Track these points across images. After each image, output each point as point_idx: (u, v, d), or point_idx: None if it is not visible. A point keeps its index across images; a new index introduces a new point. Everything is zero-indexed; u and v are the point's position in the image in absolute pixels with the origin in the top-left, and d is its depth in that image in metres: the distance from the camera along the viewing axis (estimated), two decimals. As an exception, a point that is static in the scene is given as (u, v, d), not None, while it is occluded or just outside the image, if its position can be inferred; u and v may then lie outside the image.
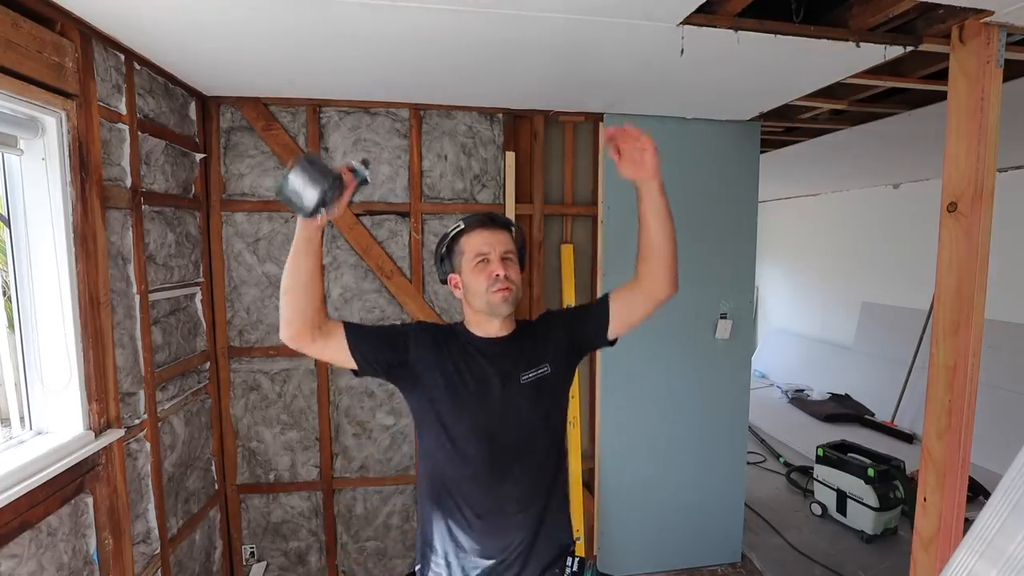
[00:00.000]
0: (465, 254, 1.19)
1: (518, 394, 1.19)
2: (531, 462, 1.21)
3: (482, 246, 1.17)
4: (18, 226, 1.46)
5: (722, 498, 2.75)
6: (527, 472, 1.20)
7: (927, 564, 1.53)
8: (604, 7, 1.41)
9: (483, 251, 1.17)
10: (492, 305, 1.17)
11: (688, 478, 2.70)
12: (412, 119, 2.39)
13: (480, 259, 1.17)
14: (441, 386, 1.18)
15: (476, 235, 1.19)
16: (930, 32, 1.61)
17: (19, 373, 1.51)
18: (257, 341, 2.40)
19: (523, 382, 1.20)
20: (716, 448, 2.72)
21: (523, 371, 1.20)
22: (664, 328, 2.62)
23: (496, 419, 1.18)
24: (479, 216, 1.22)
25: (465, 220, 1.22)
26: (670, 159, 2.54)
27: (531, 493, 1.21)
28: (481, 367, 1.20)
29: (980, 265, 1.41)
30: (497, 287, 1.15)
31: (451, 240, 1.22)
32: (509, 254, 1.19)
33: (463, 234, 1.20)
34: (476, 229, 1.19)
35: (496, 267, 1.16)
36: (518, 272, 1.21)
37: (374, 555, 2.56)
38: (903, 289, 4.93)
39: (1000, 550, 1.05)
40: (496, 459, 1.17)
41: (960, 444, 1.45)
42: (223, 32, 1.59)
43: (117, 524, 1.63)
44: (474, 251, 1.18)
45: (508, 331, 1.24)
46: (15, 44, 1.28)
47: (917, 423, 4.29)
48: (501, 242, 1.19)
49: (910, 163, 3.99)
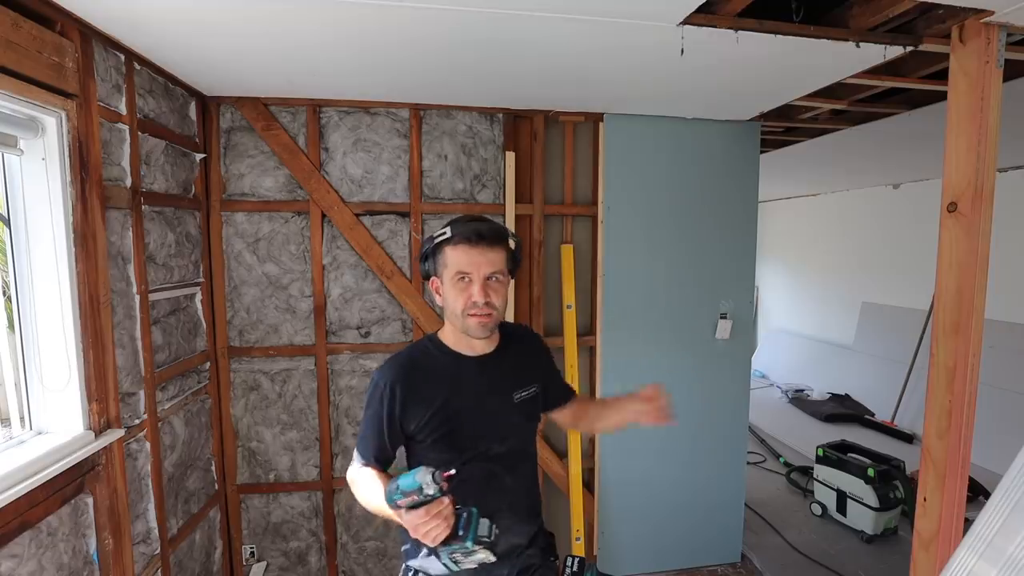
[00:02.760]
0: (447, 267, 1.10)
1: (512, 412, 1.21)
2: (526, 475, 1.23)
3: (464, 265, 1.08)
4: (18, 226, 1.46)
5: (722, 498, 2.75)
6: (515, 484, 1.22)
7: (927, 564, 1.53)
8: (604, 7, 1.41)
9: (464, 271, 1.08)
10: (466, 327, 1.11)
11: (688, 478, 2.70)
12: (412, 119, 2.39)
13: (460, 277, 1.09)
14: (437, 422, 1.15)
15: (461, 251, 1.08)
16: (930, 32, 1.61)
17: (19, 373, 1.51)
18: (257, 341, 2.40)
19: (516, 401, 1.21)
20: (716, 448, 2.72)
21: (515, 390, 1.21)
22: (664, 328, 2.62)
23: (493, 433, 1.18)
24: (468, 228, 1.09)
25: (453, 227, 1.10)
26: (670, 159, 2.58)
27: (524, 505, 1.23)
28: (474, 387, 1.18)
29: (980, 265, 1.41)
30: (473, 311, 1.08)
31: (435, 245, 1.12)
32: (496, 275, 1.09)
33: (447, 244, 1.10)
34: (461, 244, 1.08)
35: (476, 292, 1.07)
36: (503, 295, 1.12)
37: (374, 555, 2.56)
38: (903, 289, 4.92)
39: (1000, 550, 1.05)
40: (502, 469, 1.18)
41: (960, 444, 1.45)
42: (223, 32, 1.59)
43: (117, 524, 1.63)
44: (455, 267, 1.09)
45: (493, 346, 1.22)
46: (15, 44, 1.28)
47: (917, 423, 4.29)
48: (488, 262, 1.08)
49: (910, 163, 3.99)
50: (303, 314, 2.43)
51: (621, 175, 2.53)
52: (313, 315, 2.43)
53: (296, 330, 2.43)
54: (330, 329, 2.45)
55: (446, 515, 0.93)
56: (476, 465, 1.16)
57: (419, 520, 0.92)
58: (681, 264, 2.62)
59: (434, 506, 0.92)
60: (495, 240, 1.10)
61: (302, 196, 2.37)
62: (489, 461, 1.17)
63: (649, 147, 2.54)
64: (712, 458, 2.72)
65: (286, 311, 2.42)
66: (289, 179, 2.36)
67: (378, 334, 2.49)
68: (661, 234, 2.59)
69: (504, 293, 1.13)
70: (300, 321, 2.43)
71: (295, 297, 2.42)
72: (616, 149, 2.52)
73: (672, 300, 2.62)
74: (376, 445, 1.15)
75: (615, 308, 2.56)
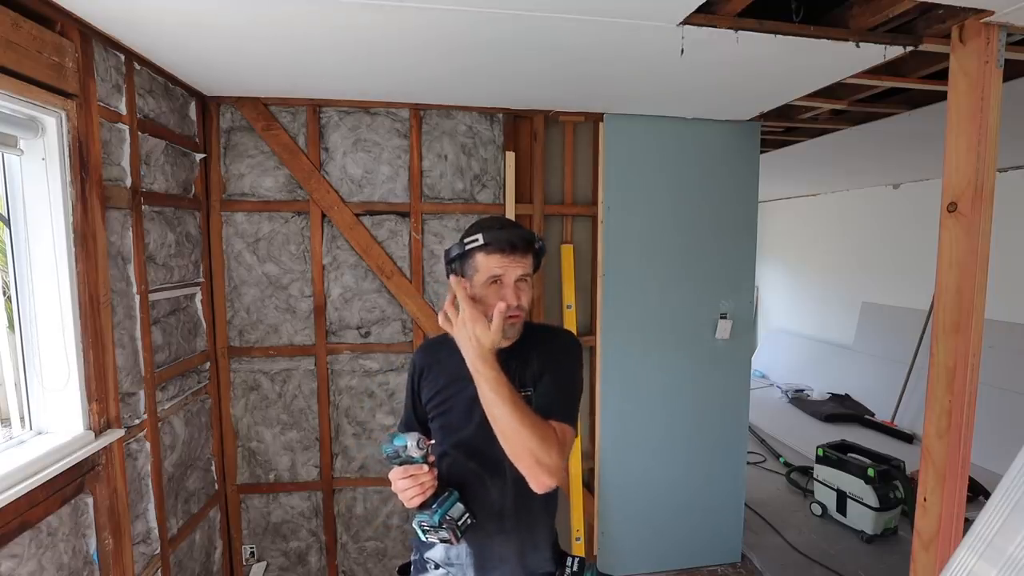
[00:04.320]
0: (479, 272, 1.13)
1: None
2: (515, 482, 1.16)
3: (496, 268, 1.12)
4: (18, 226, 1.46)
5: (722, 498, 2.75)
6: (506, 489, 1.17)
7: (927, 564, 1.53)
8: (604, 7, 1.41)
9: (497, 274, 1.12)
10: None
11: (688, 478, 2.70)
12: (412, 119, 2.39)
13: (493, 280, 1.12)
14: (437, 402, 1.20)
15: (495, 259, 1.12)
16: (930, 32, 1.61)
17: (19, 373, 1.51)
18: (257, 341, 2.40)
19: None
20: (716, 448, 2.72)
21: (519, 389, 1.16)
22: (664, 328, 2.62)
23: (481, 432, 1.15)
24: (502, 237, 1.12)
25: (486, 235, 1.12)
26: (670, 159, 2.58)
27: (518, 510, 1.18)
28: (469, 380, 1.15)
29: (980, 265, 1.41)
30: (508, 314, 1.10)
31: (468, 250, 1.15)
32: (525, 278, 1.14)
33: (480, 250, 1.12)
34: (495, 253, 1.11)
35: (509, 294, 1.11)
36: (530, 295, 1.17)
37: (374, 555, 2.56)
38: (903, 289, 4.93)
39: (1000, 550, 1.05)
40: (486, 472, 1.16)
41: (960, 444, 1.45)
42: (223, 32, 1.59)
43: (117, 524, 1.63)
44: (488, 272, 1.12)
45: (510, 342, 1.20)
46: (15, 44, 1.28)
47: (917, 423, 4.29)
48: (519, 265, 1.12)
49: (910, 163, 3.99)
50: (303, 314, 2.43)
51: (621, 175, 2.53)
52: (313, 315, 2.43)
53: (296, 330, 2.43)
54: (330, 329, 2.45)
55: (421, 480, 1.04)
56: (467, 464, 1.16)
57: (397, 476, 1.06)
58: (681, 264, 2.62)
59: (412, 468, 1.04)
60: (527, 248, 1.15)
61: (302, 196, 2.37)
62: (477, 462, 1.16)
63: (649, 147, 2.54)
64: (712, 458, 2.72)
65: (286, 311, 2.42)
66: (289, 179, 2.36)
67: (378, 334, 2.49)
68: (661, 234, 2.59)
69: (530, 293, 1.19)
70: (300, 321, 2.43)
71: (295, 297, 2.42)
72: (616, 149, 2.52)
73: (672, 300, 2.62)
74: (406, 415, 1.31)
75: (615, 308, 2.56)
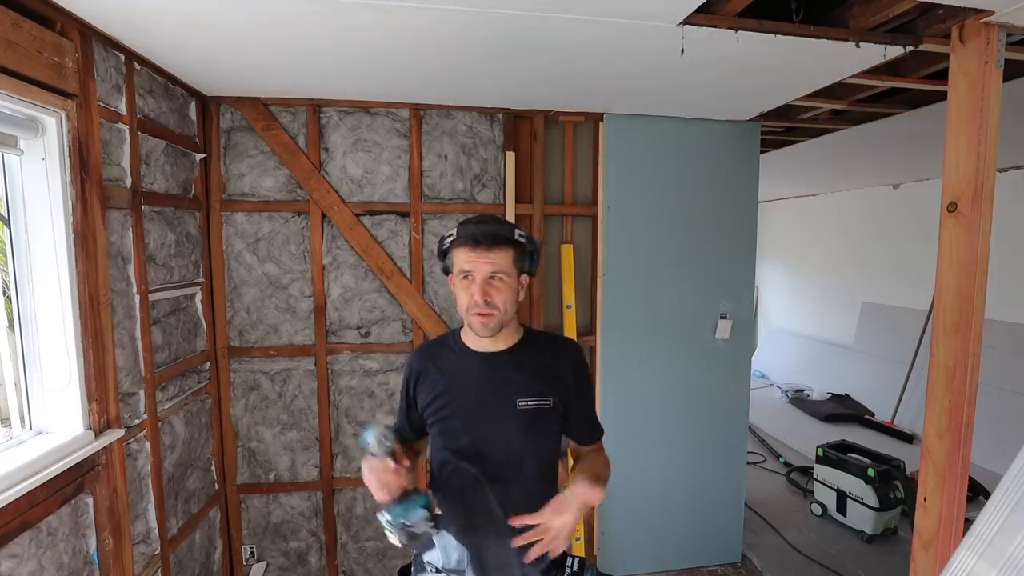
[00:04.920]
0: (455, 267, 1.14)
1: (513, 418, 1.14)
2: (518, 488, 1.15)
3: (465, 264, 1.11)
4: (18, 226, 1.46)
5: (722, 498, 2.75)
6: (509, 496, 1.13)
7: (927, 564, 1.53)
8: (604, 7, 1.41)
9: (466, 269, 1.11)
10: (471, 325, 1.15)
11: (688, 478, 2.70)
12: (412, 119, 2.39)
13: (464, 276, 1.12)
14: (435, 408, 1.19)
15: (463, 252, 1.11)
16: (930, 32, 1.61)
17: (19, 373, 1.51)
18: (257, 341, 2.40)
19: (520, 407, 1.14)
20: (716, 448, 2.72)
21: (521, 395, 1.15)
22: (664, 328, 2.62)
23: (487, 436, 1.16)
24: (470, 231, 1.11)
25: (458, 229, 1.13)
26: (670, 159, 2.58)
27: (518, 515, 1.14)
28: (474, 384, 1.17)
29: (980, 265, 1.41)
30: (475, 311, 1.10)
31: (447, 246, 1.16)
32: (499, 275, 1.11)
33: (453, 245, 1.13)
34: (464, 246, 1.11)
35: (476, 291, 1.09)
36: (505, 294, 1.12)
37: (374, 555, 2.56)
38: (903, 289, 4.92)
39: (1000, 550, 1.05)
40: (487, 478, 1.13)
41: (960, 444, 1.45)
42: (223, 32, 1.59)
43: (117, 524, 1.63)
44: (459, 267, 1.12)
45: (508, 344, 1.19)
46: (15, 44, 1.28)
47: (917, 423, 4.29)
48: (490, 262, 1.10)
49: (910, 163, 3.99)
50: (303, 314, 2.43)
51: (621, 175, 2.53)
52: (313, 315, 2.43)
53: (296, 330, 2.43)
54: (330, 329, 2.45)
55: (380, 475, 1.04)
56: (468, 470, 1.13)
57: (363, 467, 1.07)
58: (681, 264, 2.62)
59: (375, 461, 1.05)
60: (495, 242, 1.11)
61: (302, 196, 2.37)
62: (478, 468, 1.13)
63: (649, 147, 2.54)
64: (712, 458, 2.72)
65: (286, 311, 2.42)
66: (289, 179, 2.36)
67: (378, 334, 2.49)
68: (661, 234, 2.59)
69: (508, 292, 1.13)
70: (300, 321, 2.43)
71: (295, 297, 2.42)
72: (616, 149, 2.52)
73: (672, 300, 2.62)
74: (398, 417, 1.31)
75: (615, 308, 2.56)
